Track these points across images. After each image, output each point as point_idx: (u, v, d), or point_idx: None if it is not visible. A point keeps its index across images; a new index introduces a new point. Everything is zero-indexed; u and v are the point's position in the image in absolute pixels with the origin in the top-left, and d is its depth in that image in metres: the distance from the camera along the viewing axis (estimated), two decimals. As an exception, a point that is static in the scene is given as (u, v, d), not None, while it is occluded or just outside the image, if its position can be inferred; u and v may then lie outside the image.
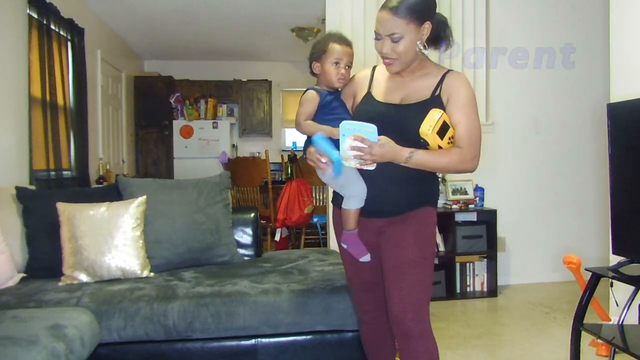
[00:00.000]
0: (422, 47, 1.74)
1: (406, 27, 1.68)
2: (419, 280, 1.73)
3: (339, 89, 1.93)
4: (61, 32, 4.03)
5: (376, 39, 1.75)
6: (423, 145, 1.69)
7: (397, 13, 1.67)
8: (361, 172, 1.77)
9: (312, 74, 1.94)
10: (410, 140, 1.70)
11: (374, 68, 1.93)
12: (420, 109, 1.71)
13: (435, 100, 1.74)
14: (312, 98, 1.85)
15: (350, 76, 1.92)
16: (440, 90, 1.76)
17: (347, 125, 1.67)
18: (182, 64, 7.74)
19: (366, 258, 1.86)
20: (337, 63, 1.85)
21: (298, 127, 1.86)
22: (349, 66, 1.89)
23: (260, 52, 7.32)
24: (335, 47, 1.85)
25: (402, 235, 1.78)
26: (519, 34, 4.30)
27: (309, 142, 1.83)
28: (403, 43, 1.70)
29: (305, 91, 1.89)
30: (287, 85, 8.00)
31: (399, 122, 1.74)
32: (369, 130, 1.64)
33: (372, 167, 1.70)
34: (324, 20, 4.36)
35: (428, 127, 1.65)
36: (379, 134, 1.66)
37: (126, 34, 6.18)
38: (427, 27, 1.72)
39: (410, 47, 1.71)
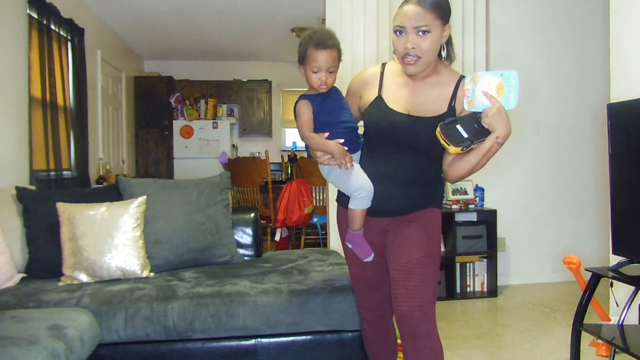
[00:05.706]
0: (443, 50, 1.72)
1: (434, 22, 1.62)
2: (426, 279, 1.73)
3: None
4: (61, 33, 4.03)
5: (398, 33, 1.66)
6: (437, 152, 1.68)
7: (425, 6, 1.61)
8: (367, 173, 1.78)
9: None
10: (421, 152, 1.73)
11: (383, 65, 1.85)
12: (436, 124, 1.66)
13: (451, 113, 1.71)
14: (305, 106, 1.80)
15: (335, 79, 1.81)
16: (455, 101, 1.72)
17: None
18: (182, 64, 7.74)
19: (370, 258, 1.86)
20: (317, 70, 1.76)
21: (304, 139, 1.82)
22: (332, 70, 1.77)
23: (260, 52, 7.32)
24: (314, 54, 1.74)
25: (408, 235, 1.77)
26: (519, 34, 4.30)
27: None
28: (430, 38, 1.63)
29: (297, 102, 1.83)
30: (287, 85, 8.00)
31: (412, 133, 1.72)
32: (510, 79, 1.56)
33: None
34: (324, 20, 4.35)
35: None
36: (390, 143, 1.71)
37: (126, 34, 6.18)
38: (448, 30, 1.69)
39: (434, 46, 1.65)
